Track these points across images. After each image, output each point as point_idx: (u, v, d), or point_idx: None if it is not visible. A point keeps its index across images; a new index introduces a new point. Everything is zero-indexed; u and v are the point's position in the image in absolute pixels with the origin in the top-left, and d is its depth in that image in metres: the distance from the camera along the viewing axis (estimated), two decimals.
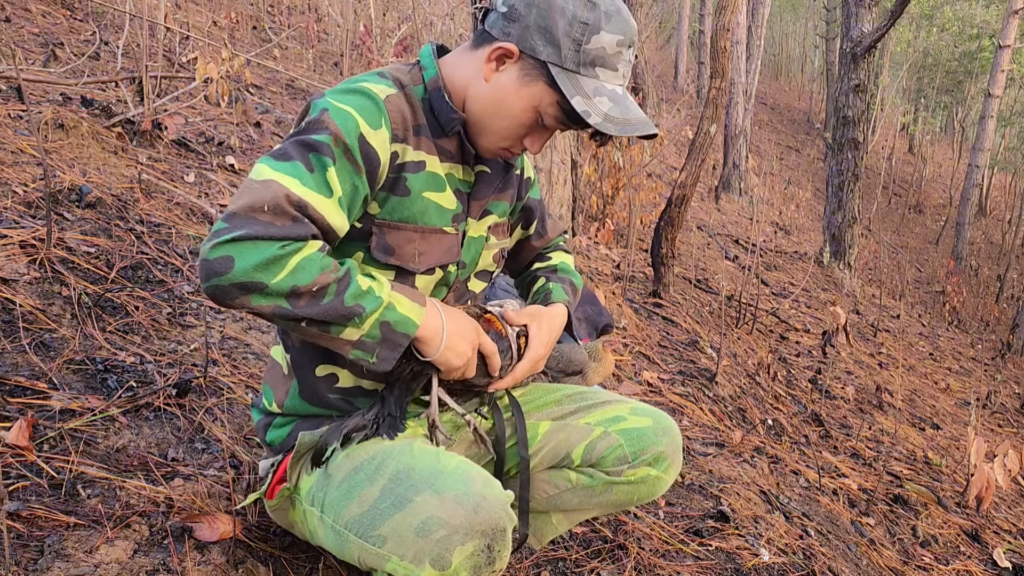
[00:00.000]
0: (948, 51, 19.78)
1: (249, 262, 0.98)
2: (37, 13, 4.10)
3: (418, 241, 1.21)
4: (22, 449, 1.39)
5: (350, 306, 1.05)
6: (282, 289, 1.00)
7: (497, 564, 1.03)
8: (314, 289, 1.02)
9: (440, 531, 1.00)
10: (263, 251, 0.99)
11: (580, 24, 1.13)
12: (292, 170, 1.04)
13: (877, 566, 2.36)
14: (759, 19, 10.48)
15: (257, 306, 1.01)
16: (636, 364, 3.23)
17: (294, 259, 1.01)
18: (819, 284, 7.41)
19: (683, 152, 10.75)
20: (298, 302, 1.02)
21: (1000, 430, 5.02)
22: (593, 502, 1.42)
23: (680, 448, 1.42)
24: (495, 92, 1.19)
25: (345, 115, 1.09)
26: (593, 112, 1.14)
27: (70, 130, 2.68)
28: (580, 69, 1.15)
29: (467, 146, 1.25)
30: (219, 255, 0.98)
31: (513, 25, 1.16)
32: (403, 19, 7.29)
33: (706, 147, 4.27)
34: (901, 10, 6.85)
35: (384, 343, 1.10)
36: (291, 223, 1.02)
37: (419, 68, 1.25)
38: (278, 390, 1.29)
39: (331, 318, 1.04)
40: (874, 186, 15.20)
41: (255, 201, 1.01)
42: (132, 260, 2.19)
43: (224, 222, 1.00)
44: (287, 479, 1.23)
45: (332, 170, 1.07)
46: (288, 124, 4.13)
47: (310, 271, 1.02)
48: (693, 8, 18.26)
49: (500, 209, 1.39)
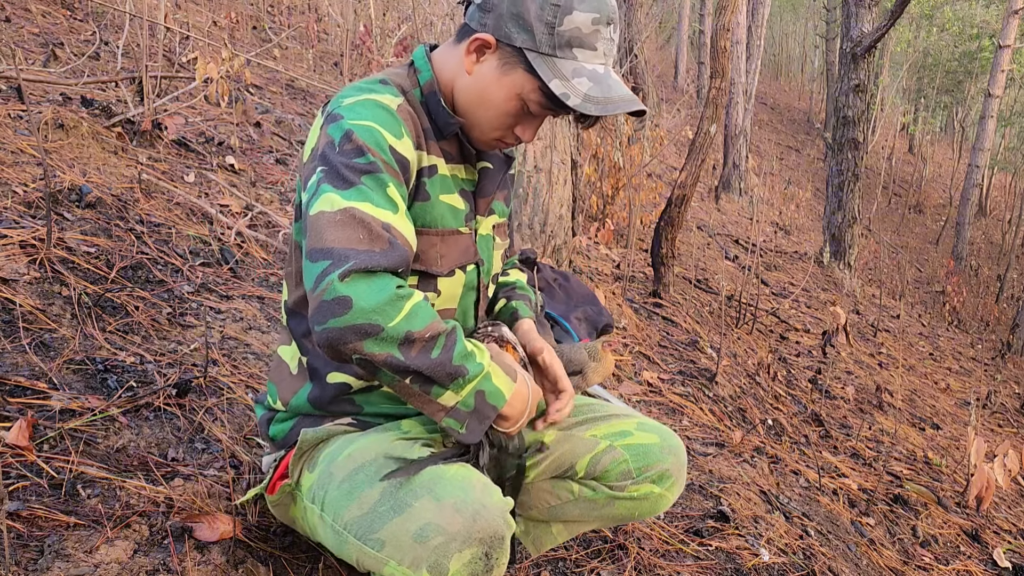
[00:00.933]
0: (948, 51, 19.78)
1: (369, 303, 0.96)
2: (37, 13, 4.10)
3: (439, 244, 1.22)
4: (22, 449, 1.39)
5: (457, 365, 1.03)
6: (397, 334, 0.97)
7: (495, 572, 1.02)
8: (427, 336, 1.00)
9: (438, 538, 0.99)
10: (382, 289, 0.97)
11: (551, 6, 1.12)
12: (359, 194, 1.03)
13: (877, 566, 2.36)
14: (759, 19, 10.48)
15: (370, 353, 0.98)
16: (636, 364, 3.23)
17: (409, 303, 0.99)
18: (819, 284, 7.41)
19: (683, 152, 10.75)
20: (410, 351, 0.99)
21: (1000, 430, 5.02)
22: (594, 515, 1.42)
23: (684, 467, 1.41)
24: (478, 84, 1.18)
25: (371, 131, 1.09)
26: (572, 94, 1.13)
27: (70, 130, 2.68)
28: (556, 52, 1.13)
29: (467, 147, 1.26)
30: (336, 296, 0.95)
31: (488, 15, 1.16)
32: (403, 19, 7.29)
33: (706, 147, 4.27)
34: (901, 10, 6.85)
35: (474, 414, 1.08)
36: (389, 247, 1.01)
37: (414, 70, 1.25)
38: (283, 388, 1.29)
39: (437, 375, 1.02)
40: (874, 186, 15.20)
41: (346, 231, 0.99)
42: (132, 260, 2.19)
43: (324, 259, 0.97)
44: (289, 475, 1.23)
45: (391, 186, 1.07)
46: (288, 124, 4.14)
47: (423, 318, 1.00)
48: (693, 8, 18.26)
49: (500, 208, 1.39)
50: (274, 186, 3.30)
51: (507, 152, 1.38)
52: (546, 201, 3.41)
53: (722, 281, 5.32)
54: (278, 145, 3.79)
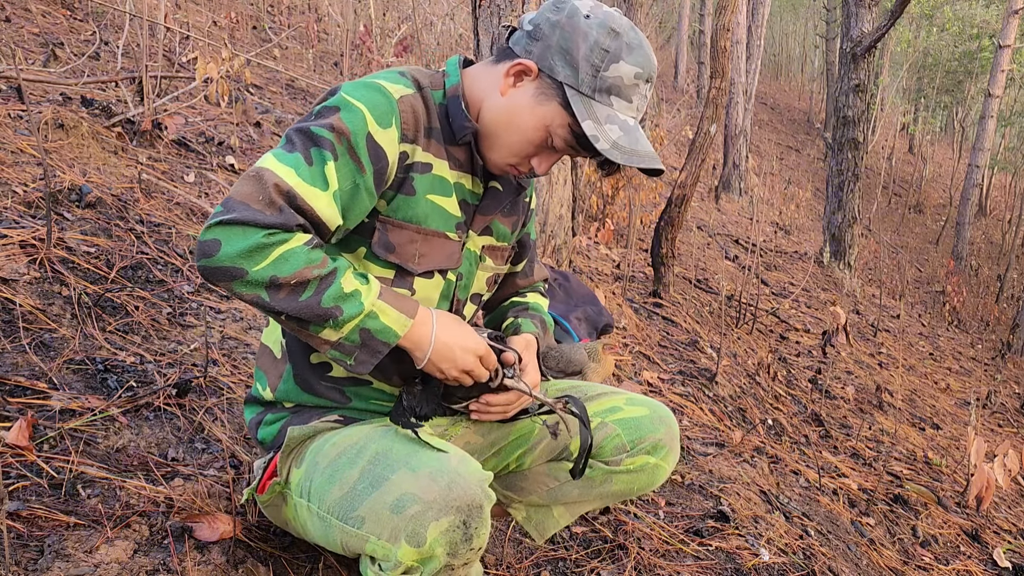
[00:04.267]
0: (948, 51, 19.77)
1: (234, 248, 1.00)
2: (37, 13, 4.10)
3: (420, 243, 1.21)
4: (22, 449, 1.39)
5: (327, 307, 1.05)
6: (262, 278, 1.01)
7: (475, 542, 1.02)
8: (292, 282, 1.03)
9: (414, 507, 1.00)
10: (248, 238, 1.00)
11: (601, 51, 1.14)
12: (291, 161, 1.07)
13: (877, 566, 2.36)
14: (759, 19, 10.47)
15: (239, 293, 1.02)
16: (636, 364, 3.23)
17: (278, 249, 1.02)
18: (819, 284, 7.41)
19: (683, 152, 10.74)
20: (277, 294, 1.03)
21: (1000, 430, 5.02)
22: (593, 493, 1.42)
23: (677, 436, 1.42)
24: (509, 106, 1.20)
25: (356, 112, 1.10)
26: (602, 138, 1.14)
27: (70, 130, 2.68)
28: (595, 95, 1.16)
29: (476, 157, 1.25)
30: (209, 237, 1.00)
31: (536, 44, 1.18)
32: (403, 19, 7.29)
33: (706, 147, 4.27)
34: (901, 10, 6.85)
35: (364, 348, 1.10)
36: (278, 212, 1.03)
37: (443, 75, 1.26)
38: (270, 374, 1.29)
39: (307, 316, 1.05)
40: (874, 186, 15.20)
41: (249, 188, 1.03)
42: (132, 260, 2.19)
43: (220, 206, 1.03)
44: (278, 474, 1.23)
45: (331, 165, 1.08)
46: (288, 124, 4.14)
47: (293, 263, 1.03)
48: (693, 8, 18.25)
49: (501, 232, 1.37)
50: None
51: (520, 180, 1.37)
52: (546, 201, 3.41)
53: (722, 281, 5.32)
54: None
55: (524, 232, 1.47)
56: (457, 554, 1.01)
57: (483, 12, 3.14)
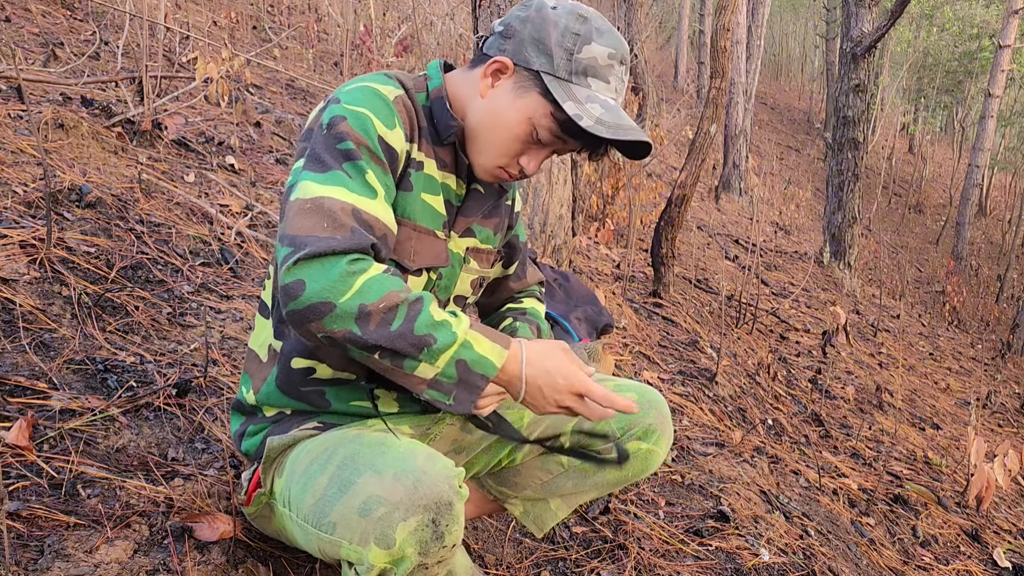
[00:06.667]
0: (948, 51, 19.78)
1: (319, 283, 0.98)
2: (37, 13, 4.10)
3: (415, 240, 1.22)
4: (22, 449, 1.39)
5: (421, 335, 1.02)
6: (350, 310, 0.99)
7: (447, 539, 1.00)
8: (381, 307, 1.00)
9: (381, 509, 0.98)
10: (329, 269, 0.99)
11: (572, 34, 1.16)
12: (335, 180, 1.06)
13: (877, 566, 2.36)
14: (759, 19, 10.48)
15: (331, 331, 1.00)
16: (636, 364, 3.23)
17: (360, 279, 1.00)
18: (819, 284, 7.41)
19: (683, 152, 10.75)
20: (368, 325, 1.00)
21: (1000, 430, 5.02)
22: (588, 483, 1.42)
23: (669, 420, 1.40)
24: (491, 107, 1.20)
25: (362, 118, 1.11)
26: (585, 116, 1.15)
27: (70, 130, 2.68)
28: (572, 78, 1.17)
29: (461, 157, 1.26)
30: (291, 280, 0.99)
31: (508, 41, 1.20)
32: (403, 19, 7.29)
33: (706, 147, 4.27)
34: (901, 10, 6.85)
35: (461, 384, 1.06)
36: (349, 234, 1.02)
37: (424, 78, 1.27)
38: (255, 378, 1.28)
39: (401, 347, 1.01)
40: (874, 186, 15.20)
41: (311, 220, 1.02)
42: (132, 260, 2.19)
43: (288, 246, 1.01)
44: (262, 484, 1.23)
45: (370, 173, 1.09)
46: (288, 124, 4.13)
47: (377, 289, 1.01)
48: (693, 8, 18.25)
49: (483, 235, 1.36)
50: (274, 186, 3.30)
51: (503, 183, 1.36)
52: (546, 201, 3.41)
53: (722, 281, 5.32)
54: (278, 145, 3.79)
55: (512, 235, 1.47)
56: (429, 553, 1.00)
57: (483, 12, 3.14)
